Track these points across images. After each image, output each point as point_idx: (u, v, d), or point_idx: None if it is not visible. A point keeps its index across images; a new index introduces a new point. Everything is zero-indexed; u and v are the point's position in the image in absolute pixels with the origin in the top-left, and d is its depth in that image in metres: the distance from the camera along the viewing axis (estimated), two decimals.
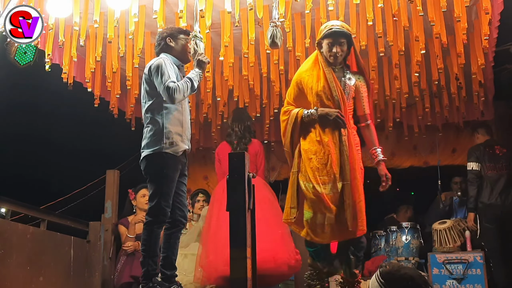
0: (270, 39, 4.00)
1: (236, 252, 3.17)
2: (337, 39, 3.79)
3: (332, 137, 3.73)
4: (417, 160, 7.22)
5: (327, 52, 3.81)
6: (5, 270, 4.31)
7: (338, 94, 3.76)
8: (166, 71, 3.84)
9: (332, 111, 3.73)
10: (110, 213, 5.78)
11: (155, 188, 3.91)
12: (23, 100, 7.87)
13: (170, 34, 4.09)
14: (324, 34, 3.80)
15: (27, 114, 8.36)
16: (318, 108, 3.76)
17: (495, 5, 4.36)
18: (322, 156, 3.71)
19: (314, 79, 3.82)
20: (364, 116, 3.94)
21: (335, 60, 3.82)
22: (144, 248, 3.94)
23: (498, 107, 6.38)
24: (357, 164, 3.76)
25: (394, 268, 2.46)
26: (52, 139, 8.39)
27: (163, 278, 3.96)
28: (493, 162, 5.59)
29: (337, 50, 3.78)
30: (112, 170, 6.04)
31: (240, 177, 3.29)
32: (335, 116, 3.71)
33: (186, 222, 4.19)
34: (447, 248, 5.56)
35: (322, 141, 3.74)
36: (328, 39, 3.80)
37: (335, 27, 3.80)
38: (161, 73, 3.84)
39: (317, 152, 3.73)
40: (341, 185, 3.69)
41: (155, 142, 3.90)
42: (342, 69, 3.88)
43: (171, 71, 3.88)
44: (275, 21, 3.98)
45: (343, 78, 3.84)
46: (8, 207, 4.71)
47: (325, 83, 3.78)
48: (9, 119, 7.76)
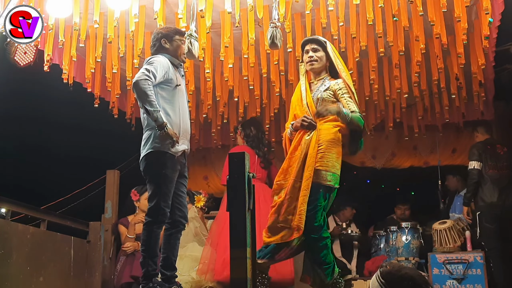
0: (270, 40, 4.01)
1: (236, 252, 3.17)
2: (309, 45, 4.01)
3: (300, 140, 3.86)
4: (417, 160, 7.23)
5: (305, 61, 4.02)
6: (5, 270, 4.31)
7: (308, 100, 3.91)
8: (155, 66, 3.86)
9: (298, 120, 3.90)
10: (110, 213, 5.78)
11: (154, 189, 3.92)
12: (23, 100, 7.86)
13: (165, 35, 4.09)
14: (301, 46, 4.08)
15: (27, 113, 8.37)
16: (293, 123, 3.95)
17: (495, 5, 4.36)
18: (285, 160, 3.89)
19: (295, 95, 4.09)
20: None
21: (313, 67, 3.98)
22: (144, 249, 3.94)
23: (498, 107, 6.38)
24: (311, 163, 3.74)
25: (394, 268, 2.45)
26: (52, 139, 8.39)
27: (163, 279, 3.96)
28: (494, 161, 5.59)
29: (310, 55, 3.97)
30: (112, 170, 6.04)
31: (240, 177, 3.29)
32: (301, 122, 3.86)
33: (186, 222, 4.20)
34: (447, 248, 5.55)
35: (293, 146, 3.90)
36: (304, 49, 4.04)
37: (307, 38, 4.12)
38: (149, 63, 3.89)
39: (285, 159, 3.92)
40: (290, 182, 3.76)
41: (154, 142, 3.90)
42: (322, 80, 3.99)
43: (160, 70, 3.88)
44: (275, 22, 3.98)
45: (320, 86, 3.96)
46: (8, 207, 4.70)
47: (299, 92, 4.01)
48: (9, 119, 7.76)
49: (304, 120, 3.83)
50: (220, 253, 4.92)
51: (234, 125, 6.38)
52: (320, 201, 3.71)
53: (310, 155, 3.73)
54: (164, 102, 3.93)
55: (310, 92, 3.95)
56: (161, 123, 3.78)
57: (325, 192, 3.74)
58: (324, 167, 3.73)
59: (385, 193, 8.90)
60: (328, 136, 3.79)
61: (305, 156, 3.75)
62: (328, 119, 3.83)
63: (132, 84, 3.84)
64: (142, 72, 3.82)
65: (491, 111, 6.30)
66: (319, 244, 3.73)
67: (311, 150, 3.74)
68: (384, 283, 2.41)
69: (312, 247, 3.76)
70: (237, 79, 5.59)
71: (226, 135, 6.85)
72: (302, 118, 3.84)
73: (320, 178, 3.72)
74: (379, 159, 7.27)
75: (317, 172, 3.72)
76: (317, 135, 3.79)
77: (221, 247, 4.94)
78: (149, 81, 3.78)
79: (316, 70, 4.00)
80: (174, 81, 3.99)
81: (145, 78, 3.77)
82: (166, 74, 3.93)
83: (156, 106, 3.78)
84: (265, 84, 5.71)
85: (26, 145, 8.76)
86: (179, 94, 4.04)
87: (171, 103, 3.96)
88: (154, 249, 3.93)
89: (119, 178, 6.03)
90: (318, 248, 3.73)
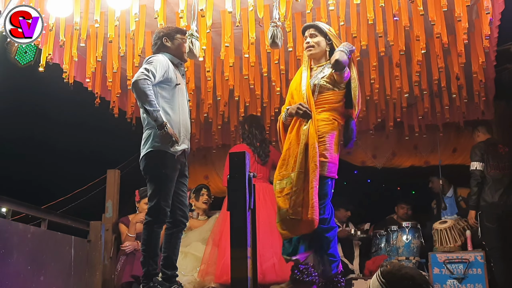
0: (271, 39, 4.01)
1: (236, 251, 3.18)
2: (308, 31, 4.01)
3: (298, 129, 3.83)
4: (417, 159, 7.22)
5: (304, 47, 4.02)
6: (6, 269, 4.31)
7: (306, 88, 3.88)
8: (154, 65, 3.85)
9: (293, 106, 3.85)
10: (110, 212, 5.79)
11: (154, 188, 3.91)
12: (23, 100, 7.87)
13: (166, 34, 4.09)
14: (302, 33, 4.08)
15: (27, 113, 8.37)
16: (289, 108, 3.91)
17: (495, 4, 4.36)
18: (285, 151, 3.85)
19: (294, 80, 4.06)
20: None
21: (310, 53, 3.97)
22: (144, 248, 3.94)
23: (498, 106, 6.37)
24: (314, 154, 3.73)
25: (395, 268, 2.45)
26: (52, 138, 8.38)
27: (163, 278, 3.96)
28: (496, 161, 5.56)
29: (307, 40, 3.97)
30: (112, 169, 6.05)
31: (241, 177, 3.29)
32: (297, 109, 3.81)
33: (187, 222, 4.19)
34: (448, 248, 5.55)
35: (288, 138, 3.87)
36: (304, 35, 4.04)
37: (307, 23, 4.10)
38: (149, 62, 3.88)
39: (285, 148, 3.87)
40: (295, 174, 3.73)
41: (154, 141, 3.89)
42: (322, 67, 3.97)
43: (160, 69, 3.88)
44: (276, 21, 3.98)
45: (319, 73, 3.94)
46: (9, 206, 4.71)
47: (299, 78, 3.98)
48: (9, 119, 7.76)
49: (299, 108, 3.80)
50: (220, 256, 4.92)
51: (234, 124, 6.39)
52: (328, 192, 3.77)
53: (311, 145, 3.72)
54: (164, 101, 3.92)
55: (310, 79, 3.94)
56: (161, 122, 3.78)
57: (331, 183, 3.81)
58: (328, 158, 3.76)
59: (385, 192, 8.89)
60: (327, 127, 3.82)
61: (305, 147, 3.73)
62: (324, 109, 3.85)
63: (131, 84, 3.84)
64: (141, 71, 3.81)
65: (492, 111, 6.30)
66: (328, 235, 3.77)
67: (311, 141, 3.72)
68: (385, 283, 2.41)
69: (321, 238, 3.77)
70: (237, 78, 5.58)
71: (226, 134, 6.85)
72: (298, 105, 3.81)
73: (325, 170, 3.75)
74: (380, 158, 7.27)
75: (322, 164, 3.73)
76: (316, 125, 3.78)
77: (221, 249, 4.94)
78: (148, 81, 3.78)
79: (315, 56, 4.00)
80: (173, 80, 3.99)
81: (144, 77, 3.77)
82: (166, 74, 3.92)
83: (156, 106, 3.78)
84: (266, 83, 5.72)
85: (26, 145, 8.77)
86: (179, 93, 4.04)
87: (170, 102, 3.96)
88: (155, 248, 3.93)
89: (119, 178, 6.03)
90: (327, 239, 3.76)
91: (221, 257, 4.90)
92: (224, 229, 4.91)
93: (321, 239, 3.77)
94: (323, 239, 3.77)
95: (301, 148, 3.73)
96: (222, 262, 4.81)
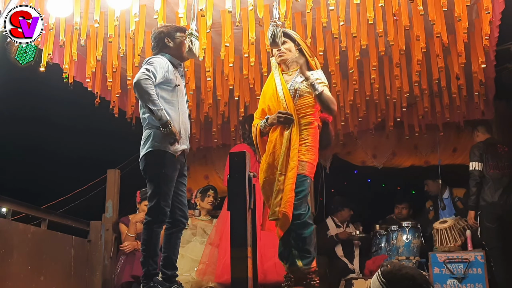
0: (271, 39, 4.00)
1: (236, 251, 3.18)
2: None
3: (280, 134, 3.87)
4: (417, 159, 7.22)
5: (275, 54, 4.08)
6: (6, 269, 4.31)
7: (285, 93, 3.91)
8: (154, 66, 3.85)
9: (273, 116, 3.89)
10: (110, 212, 5.79)
11: (154, 188, 3.91)
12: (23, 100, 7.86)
13: (168, 34, 4.10)
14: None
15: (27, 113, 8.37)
16: (268, 117, 3.93)
17: (496, 4, 4.36)
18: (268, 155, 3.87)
19: (267, 87, 4.09)
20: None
21: (282, 58, 4.03)
22: (144, 248, 3.94)
23: (498, 106, 6.37)
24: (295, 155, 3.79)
25: (395, 268, 2.45)
26: (52, 138, 8.38)
27: (164, 278, 3.96)
28: (495, 161, 5.56)
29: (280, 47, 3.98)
30: (112, 169, 6.05)
31: (241, 177, 3.30)
32: (277, 118, 3.85)
33: (186, 222, 4.20)
34: (448, 248, 5.55)
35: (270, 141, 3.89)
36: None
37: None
38: (149, 63, 3.88)
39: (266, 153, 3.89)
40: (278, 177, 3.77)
41: (154, 141, 3.89)
42: (297, 72, 4.01)
43: (160, 70, 3.88)
44: (276, 21, 3.98)
45: (295, 78, 3.98)
46: (9, 206, 4.71)
47: (272, 84, 4.01)
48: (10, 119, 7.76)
49: (279, 116, 3.85)
50: (221, 255, 4.92)
51: (234, 124, 6.39)
52: (306, 190, 3.82)
53: (293, 147, 3.78)
54: (164, 102, 3.92)
55: (286, 84, 3.98)
56: (165, 121, 3.79)
57: (310, 181, 3.87)
58: (308, 159, 3.83)
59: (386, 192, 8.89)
60: (309, 130, 3.87)
61: (287, 150, 3.79)
62: (305, 112, 3.89)
63: (133, 84, 3.84)
64: (142, 72, 3.81)
65: (492, 111, 6.29)
66: (304, 231, 3.77)
67: (293, 143, 3.79)
68: (385, 282, 2.41)
69: (296, 234, 3.77)
70: (237, 78, 5.58)
71: (226, 134, 6.85)
72: (277, 114, 3.86)
73: (305, 169, 3.81)
74: (380, 158, 7.27)
75: (303, 163, 3.80)
76: (299, 129, 3.83)
77: (222, 249, 4.94)
78: (150, 80, 3.78)
79: (286, 62, 4.05)
80: (173, 81, 3.99)
81: (146, 77, 3.77)
82: (166, 75, 3.93)
83: (159, 105, 3.79)
84: None
85: (27, 144, 8.76)
86: (179, 94, 4.04)
87: (171, 103, 3.96)
88: (155, 248, 3.93)
89: (119, 178, 6.04)
90: (300, 234, 3.76)
91: (221, 257, 4.89)
92: (224, 229, 4.90)
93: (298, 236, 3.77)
94: (299, 237, 3.76)
95: (283, 151, 3.79)
96: (223, 262, 4.80)
